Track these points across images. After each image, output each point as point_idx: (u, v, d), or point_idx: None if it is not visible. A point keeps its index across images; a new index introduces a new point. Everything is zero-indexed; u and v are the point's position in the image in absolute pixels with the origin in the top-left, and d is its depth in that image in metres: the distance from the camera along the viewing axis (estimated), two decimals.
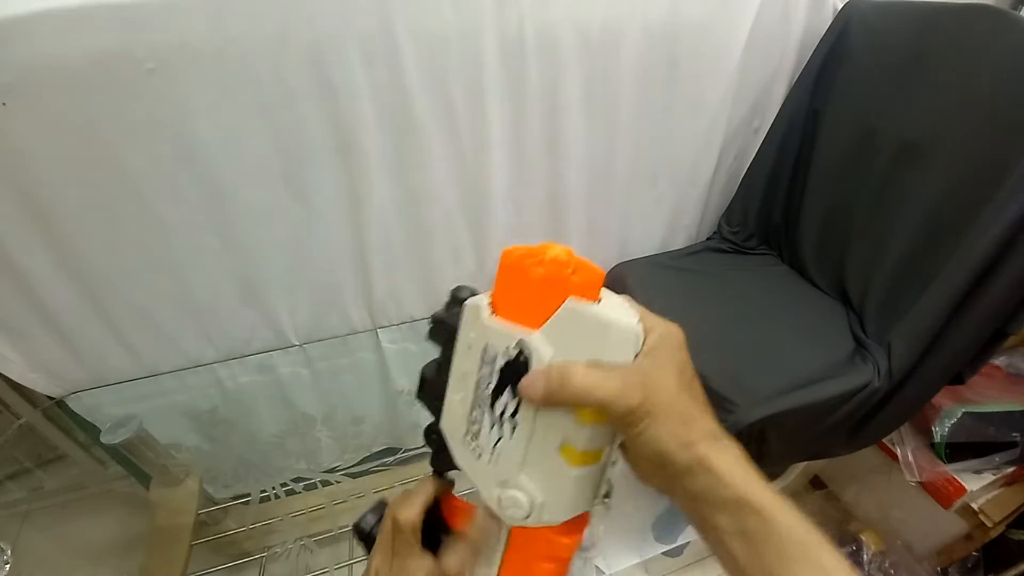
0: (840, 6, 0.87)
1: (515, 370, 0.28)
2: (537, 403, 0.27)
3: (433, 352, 0.33)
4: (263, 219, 0.72)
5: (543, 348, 0.27)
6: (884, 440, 0.94)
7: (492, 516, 0.30)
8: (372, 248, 0.80)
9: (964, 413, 0.88)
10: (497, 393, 0.29)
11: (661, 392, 0.27)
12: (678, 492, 0.28)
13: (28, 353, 0.72)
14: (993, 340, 0.73)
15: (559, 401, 0.27)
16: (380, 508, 0.36)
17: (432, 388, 0.33)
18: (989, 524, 0.90)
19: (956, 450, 0.88)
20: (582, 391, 0.26)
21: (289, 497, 0.98)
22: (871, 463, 1.01)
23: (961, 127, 0.71)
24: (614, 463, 0.31)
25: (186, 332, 0.78)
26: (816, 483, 1.18)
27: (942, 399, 0.88)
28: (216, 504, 0.97)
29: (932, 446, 0.90)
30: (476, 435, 0.30)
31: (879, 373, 0.74)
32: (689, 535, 1.04)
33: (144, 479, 0.85)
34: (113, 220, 0.65)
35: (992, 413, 0.89)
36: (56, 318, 0.70)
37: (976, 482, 0.87)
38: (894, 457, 0.92)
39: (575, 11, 0.72)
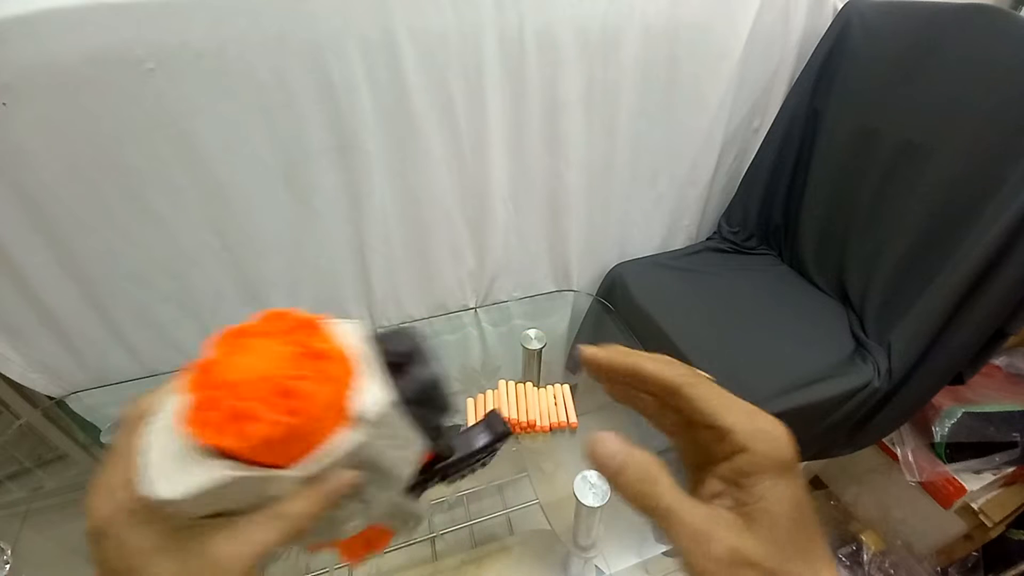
0: (840, 6, 0.87)
1: None
2: None
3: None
4: (263, 219, 0.72)
5: None
6: (884, 440, 0.94)
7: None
8: (372, 248, 0.80)
9: (964, 413, 0.88)
10: None
11: None
12: None
13: (28, 353, 0.72)
14: (993, 340, 0.73)
15: None
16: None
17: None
18: (989, 524, 0.90)
19: (956, 450, 0.88)
20: None
21: None
22: (871, 463, 1.01)
23: (961, 127, 0.71)
24: None
25: (186, 332, 0.78)
26: (816, 483, 1.17)
27: (942, 399, 0.88)
28: None
29: (932, 446, 0.90)
30: None
31: (879, 373, 0.74)
32: None
33: None
34: (113, 220, 0.65)
35: (992, 413, 0.89)
36: (56, 318, 0.70)
37: (976, 482, 0.87)
38: (894, 457, 0.92)
39: (575, 11, 0.72)
